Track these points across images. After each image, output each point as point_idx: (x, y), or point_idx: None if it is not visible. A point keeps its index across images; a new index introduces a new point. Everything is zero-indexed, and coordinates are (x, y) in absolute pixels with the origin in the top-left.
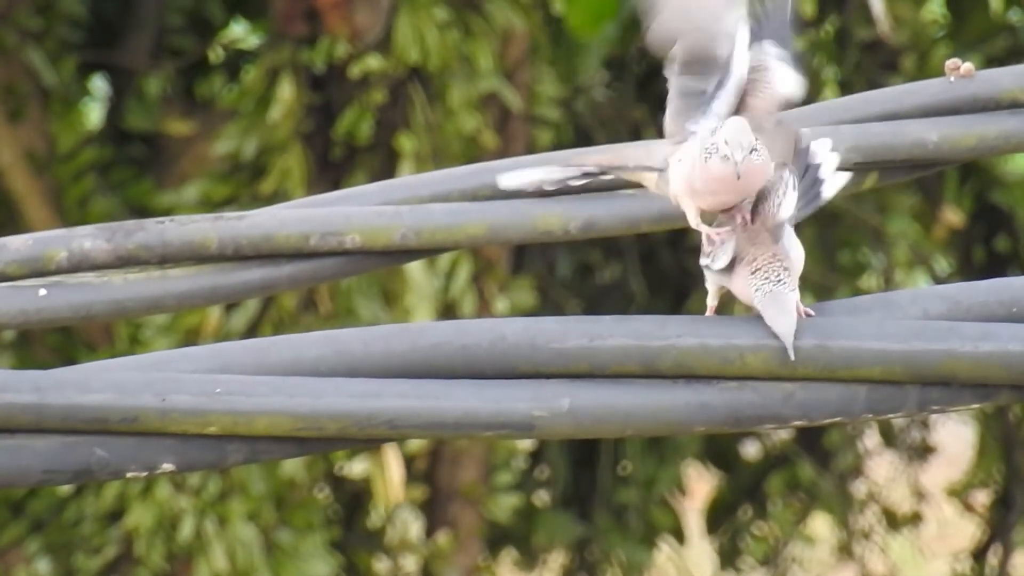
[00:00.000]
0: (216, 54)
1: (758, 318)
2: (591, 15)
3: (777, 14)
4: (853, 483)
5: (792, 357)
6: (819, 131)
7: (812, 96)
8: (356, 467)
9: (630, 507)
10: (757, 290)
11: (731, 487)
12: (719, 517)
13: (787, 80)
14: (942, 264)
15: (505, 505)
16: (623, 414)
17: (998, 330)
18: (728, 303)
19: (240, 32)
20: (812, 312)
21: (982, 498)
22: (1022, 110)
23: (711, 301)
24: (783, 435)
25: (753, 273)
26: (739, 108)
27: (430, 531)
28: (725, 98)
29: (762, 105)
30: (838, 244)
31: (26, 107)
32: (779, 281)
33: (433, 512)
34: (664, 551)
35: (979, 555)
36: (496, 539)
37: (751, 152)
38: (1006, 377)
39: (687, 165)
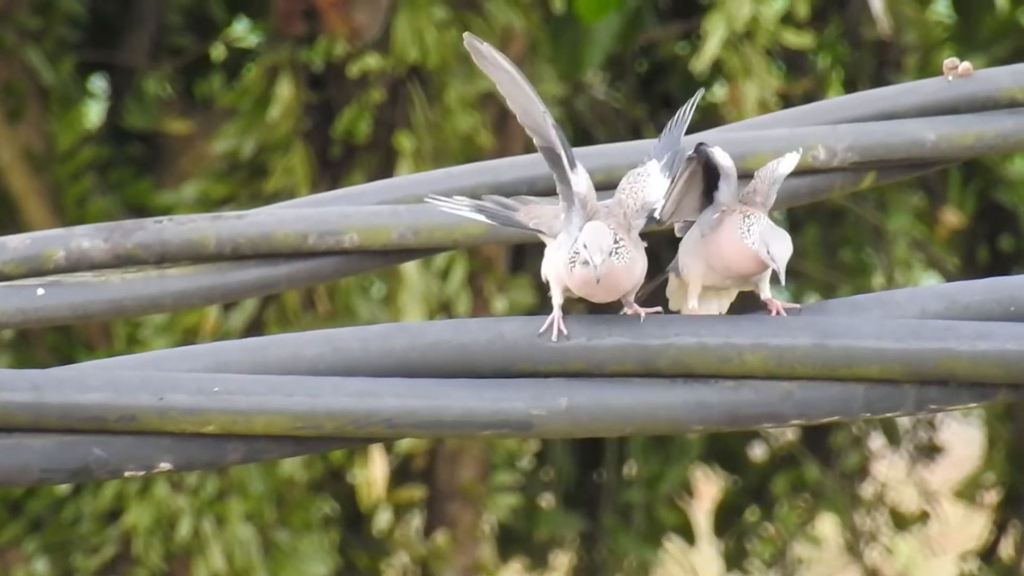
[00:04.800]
0: (216, 53)
1: (757, 317)
2: (598, 1)
3: (675, 129)
4: (860, 484)
5: (783, 282)
6: (817, 130)
7: (815, 95)
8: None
9: (636, 507)
10: (747, 230)
11: (738, 489)
12: (726, 519)
13: (656, 188)
14: (946, 263)
15: (504, 504)
16: (621, 413)
17: (995, 329)
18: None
19: (241, 31)
20: (798, 307)
21: (989, 498)
22: (1020, 109)
23: (691, 303)
24: (789, 436)
25: (742, 221)
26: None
27: (429, 530)
28: (579, 181)
29: (632, 205)
30: (839, 242)
31: (25, 106)
32: (758, 220)
33: (432, 511)
34: (672, 553)
35: (987, 555)
36: (504, 540)
37: (611, 254)
38: (1003, 376)
39: (559, 260)
